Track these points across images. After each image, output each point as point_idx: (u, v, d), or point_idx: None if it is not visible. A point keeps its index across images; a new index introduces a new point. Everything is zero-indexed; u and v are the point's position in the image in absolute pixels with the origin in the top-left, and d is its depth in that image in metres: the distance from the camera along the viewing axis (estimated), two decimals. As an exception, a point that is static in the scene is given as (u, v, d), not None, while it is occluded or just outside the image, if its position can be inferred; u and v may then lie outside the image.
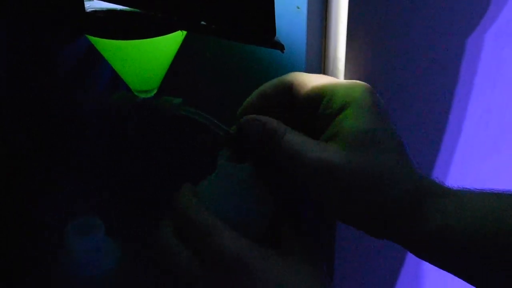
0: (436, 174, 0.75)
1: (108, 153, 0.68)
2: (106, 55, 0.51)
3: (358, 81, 0.49)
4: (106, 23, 0.47)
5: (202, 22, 0.45)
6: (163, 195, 0.51)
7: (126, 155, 0.69)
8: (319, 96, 0.48)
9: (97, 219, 0.58)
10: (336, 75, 0.54)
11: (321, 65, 0.54)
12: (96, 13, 0.48)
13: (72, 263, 0.57)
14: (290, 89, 0.49)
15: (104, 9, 0.48)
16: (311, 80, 0.48)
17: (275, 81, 0.49)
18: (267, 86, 0.50)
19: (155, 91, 0.53)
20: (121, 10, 0.48)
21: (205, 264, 0.44)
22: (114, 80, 0.63)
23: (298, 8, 0.51)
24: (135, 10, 0.47)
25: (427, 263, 0.46)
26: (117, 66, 0.52)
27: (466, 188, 0.46)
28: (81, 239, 0.56)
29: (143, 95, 0.53)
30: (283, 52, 0.46)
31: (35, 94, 0.60)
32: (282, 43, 0.45)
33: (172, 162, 0.68)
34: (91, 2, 0.49)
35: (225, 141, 0.50)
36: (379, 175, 0.44)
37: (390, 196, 0.44)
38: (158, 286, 0.53)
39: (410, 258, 0.75)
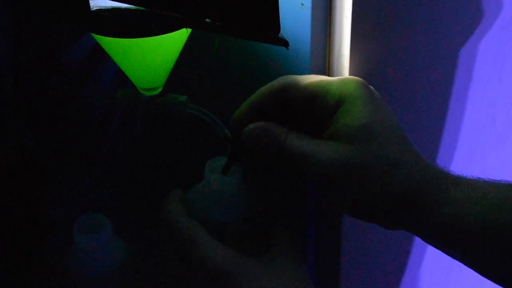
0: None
1: (114, 150, 0.68)
2: (111, 53, 0.51)
3: (350, 77, 0.49)
4: (111, 21, 0.47)
5: (207, 19, 0.45)
6: (166, 193, 0.52)
7: (132, 153, 0.69)
8: (313, 95, 0.48)
9: (105, 217, 0.58)
10: (341, 71, 0.54)
11: (325, 61, 0.54)
12: (101, 11, 0.48)
13: (79, 261, 0.57)
14: (282, 93, 0.49)
15: (109, 7, 0.48)
16: (303, 81, 0.49)
17: (266, 87, 0.49)
18: (259, 93, 0.50)
19: (160, 89, 0.53)
20: (126, 8, 0.48)
21: (190, 271, 0.46)
22: (119, 78, 0.63)
23: (302, 4, 0.51)
24: (140, 8, 0.48)
25: (429, 262, 0.46)
26: (122, 64, 0.52)
27: (479, 178, 0.45)
28: (88, 237, 0.56)
29: (148, 93, 0.53)
30: (287, 49, 0.45)
31: (40, 92, 0.60)
32: (287, 39, 0.45)
33: (178, 160, 0.68)
34: (95, 0, 0.49)
35: (222, 143, 0.50)
36: (380, 168, 0.44)
37: (394, 187, 0.44)
38: (164, 285, 0.53)
39: (413, 257, 0.75)
